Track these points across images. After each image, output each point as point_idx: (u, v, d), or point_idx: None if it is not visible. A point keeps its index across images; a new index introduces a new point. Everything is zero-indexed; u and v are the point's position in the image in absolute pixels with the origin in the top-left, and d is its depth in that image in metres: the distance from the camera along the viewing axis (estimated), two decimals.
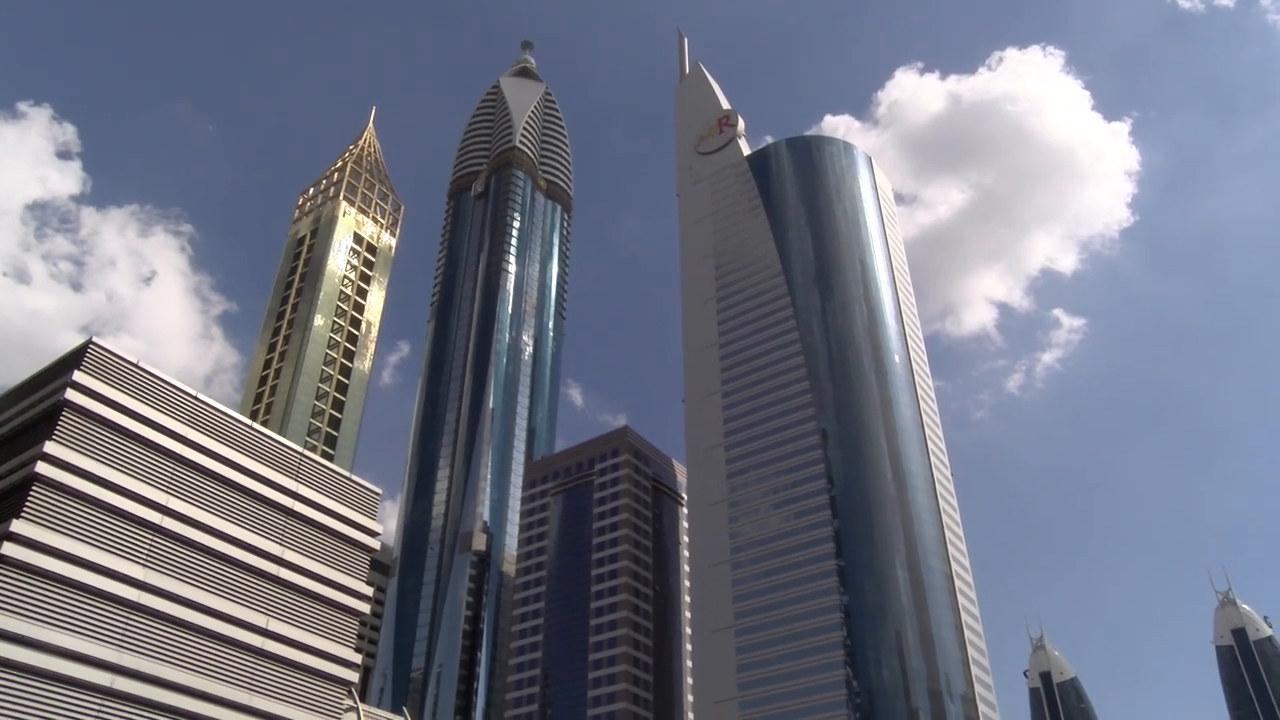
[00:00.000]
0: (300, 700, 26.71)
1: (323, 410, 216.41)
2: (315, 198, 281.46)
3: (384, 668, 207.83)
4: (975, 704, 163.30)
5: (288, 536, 28.31)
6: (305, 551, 28.54)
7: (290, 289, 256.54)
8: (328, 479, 30.46)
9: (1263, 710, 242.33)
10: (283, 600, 27.48)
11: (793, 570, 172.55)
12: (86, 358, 30.25)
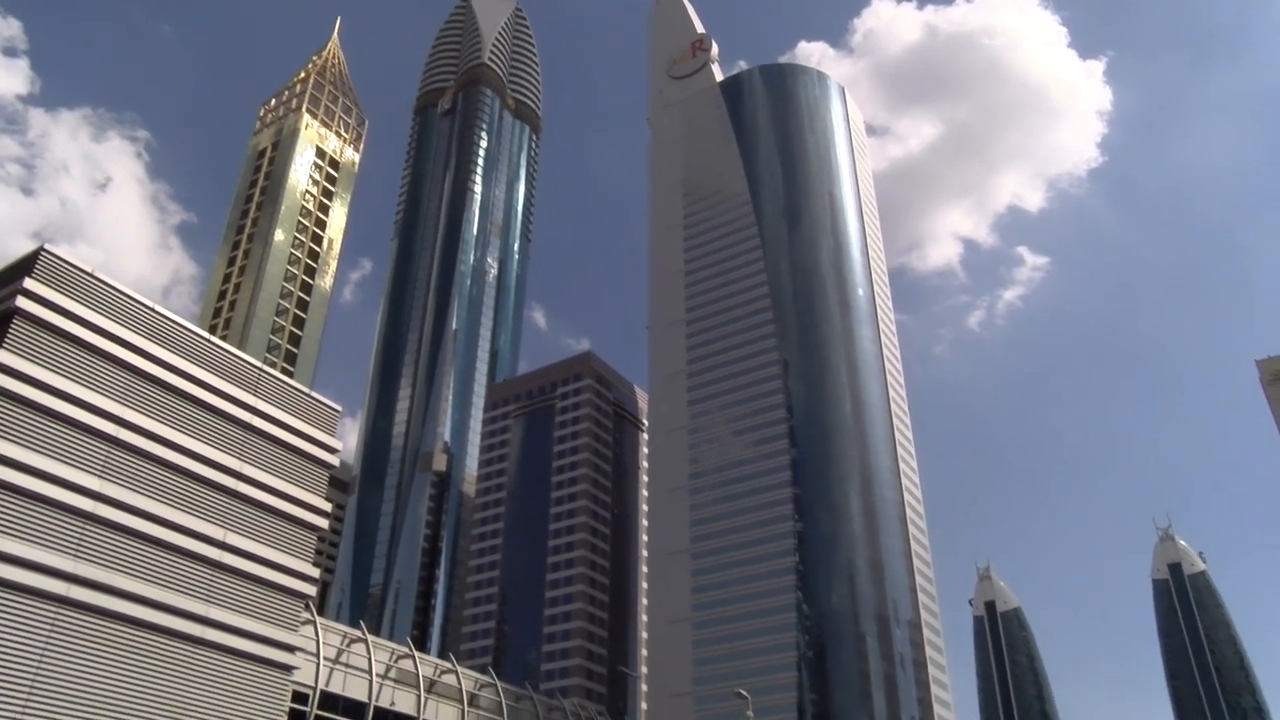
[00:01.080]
0: (257, 612, 26.95)
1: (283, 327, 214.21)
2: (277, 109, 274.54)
3: (342, 583, 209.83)
4: (921, 630, 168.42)
5: (246, 451, 28.24)
6: (263, 466, 28.52)
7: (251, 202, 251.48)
8: (287, 395, 30.32)
9: (1191, 641, 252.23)
10: (240, 514, 27.51)
11: (750, 497, 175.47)
12: (39, 265, 29.56)
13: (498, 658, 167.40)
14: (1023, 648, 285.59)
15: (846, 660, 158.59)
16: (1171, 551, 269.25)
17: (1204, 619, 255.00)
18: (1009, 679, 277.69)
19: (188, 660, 25.30)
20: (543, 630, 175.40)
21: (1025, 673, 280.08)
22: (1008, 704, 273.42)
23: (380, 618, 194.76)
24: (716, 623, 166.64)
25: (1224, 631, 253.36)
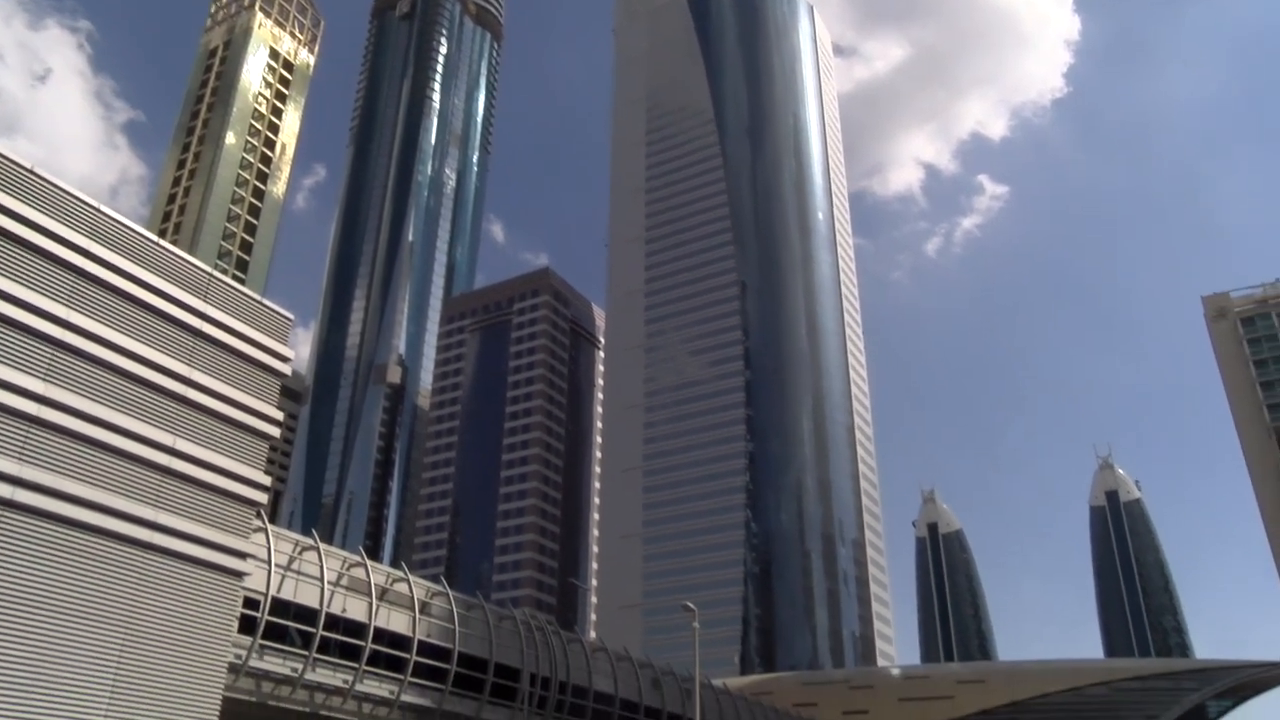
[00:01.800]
0: (208, 519, 26.88)
1: (234, 233, 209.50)
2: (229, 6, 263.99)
3: (294, 493, 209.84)
4: (865, 549, 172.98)
5: (195, 357, 27.80)
6: (213, 373, 28.14)
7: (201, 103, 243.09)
8: (238, 301, 29.80)
9: (1122, 565, 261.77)
10: (190, 420, 27.21)
11: (703, 417, 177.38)
12: None
13: (450, 569, 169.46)
14: (962, 569, 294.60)
15: (792, 577, 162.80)
16: (1110, 480, 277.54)
17: (1135, 544, 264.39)
18: (948, 598, 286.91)
19: (138, 565, 25.26)
20: (495, 542, 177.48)
21: (964, 593, 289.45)
22: (945, 622, 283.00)
23: (333, 528, 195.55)
24: (667, 538, 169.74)
25: (1153, 556, 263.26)
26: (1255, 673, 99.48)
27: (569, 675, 44.93)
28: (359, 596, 36.28)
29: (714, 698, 56.14)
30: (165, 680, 25.11)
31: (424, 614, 39.00)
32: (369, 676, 35.97)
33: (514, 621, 44.10)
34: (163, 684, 25.04)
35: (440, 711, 38.74)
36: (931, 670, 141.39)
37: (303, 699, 34.07)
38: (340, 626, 35.37)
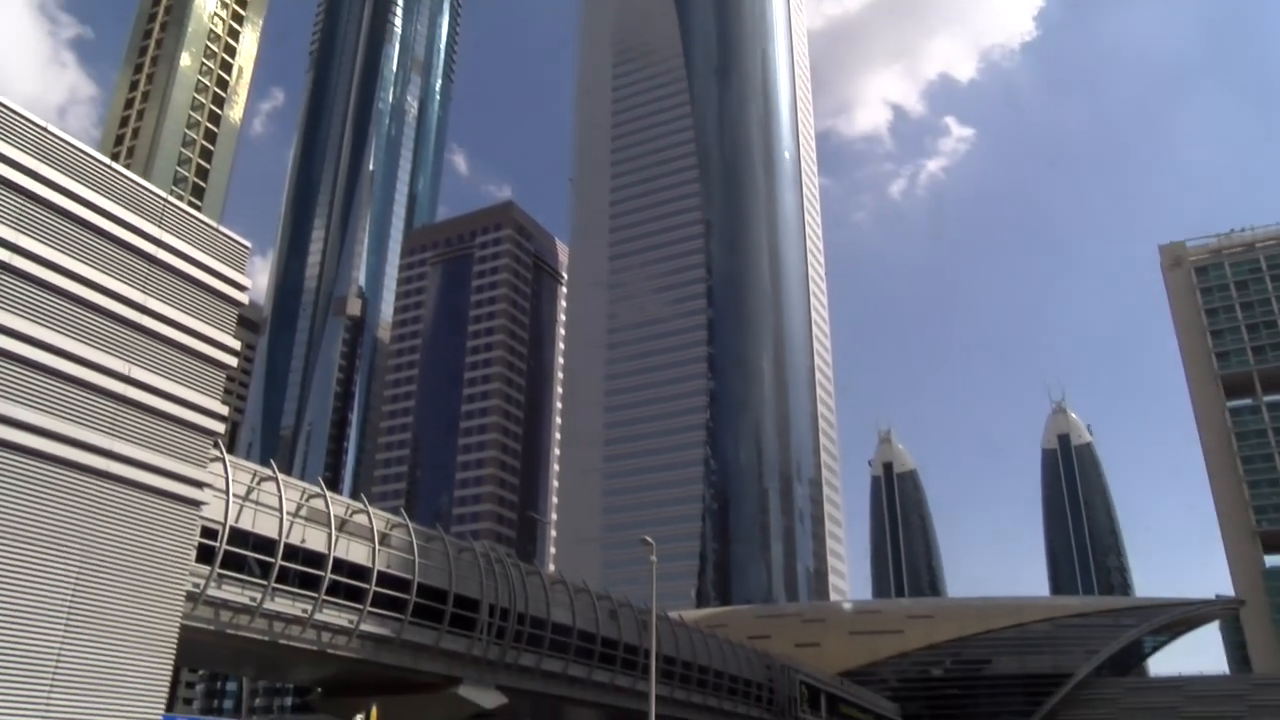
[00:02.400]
0: (164, 448, 26.64)
1: (189, 159, 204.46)
2: None
3: (253, 423, 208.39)
4: (821, 487, 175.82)
5: (150, 284, 27.28)
6: (169, 300, 27.65)
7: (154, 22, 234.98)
8: (193, 228, 29.18)
9: (1071, 508, 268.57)
10: (145, 348, 26.78)
11: (665, 354, 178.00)
12: None
13: (410, 501, 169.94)
14: (915, 508, 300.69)
15: (749, 513, 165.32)
16: (1062, 423, 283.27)
17: (1085, 487, 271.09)
18: (900, 536, 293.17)
19: (93, 493, 25.04)
20: (455, 476, 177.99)
21: (916, 531, 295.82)
22: (898, 559, 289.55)
23: (291, 459, 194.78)
24: (626, 474, 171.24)
25: (1100, 499, 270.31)
26: (1189, 610, 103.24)
27: (528, 606, 45.47)
28: (318, 527, 36.30)
29: (670, 629, 57.18)
30: (122, 608, 25.09)
31: (383, 545, 39.16)
32: (328, 606, 36.17)
33: (473, 553, 44.44)
34: (120, 612, 25.02)
35: (399, 641, 39.12)
36: (882, 605, 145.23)
37: (262, 628, 34.24)
38: (299, 557, 35.44)
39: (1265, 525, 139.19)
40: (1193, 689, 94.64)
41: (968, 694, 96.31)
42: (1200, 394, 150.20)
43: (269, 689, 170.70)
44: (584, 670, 49.13)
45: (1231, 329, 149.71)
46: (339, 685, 44.81)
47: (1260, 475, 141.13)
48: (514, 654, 44.72)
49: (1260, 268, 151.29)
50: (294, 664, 40.74)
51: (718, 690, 60.30)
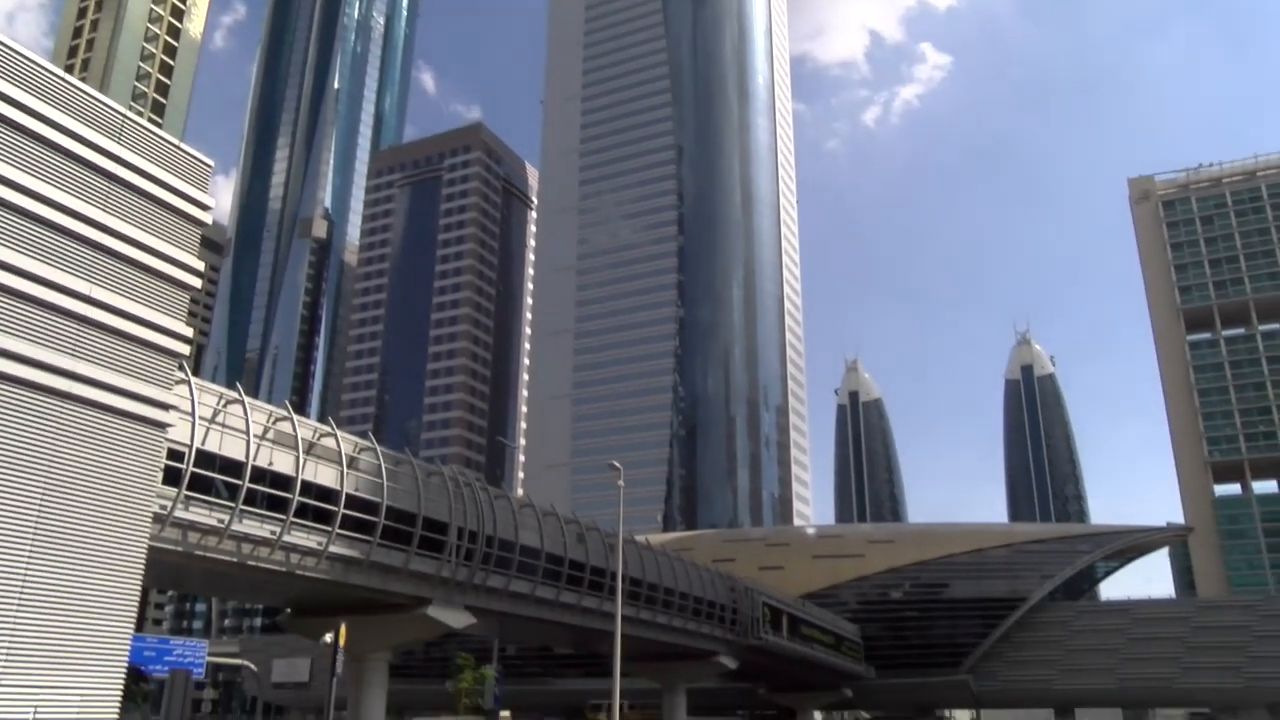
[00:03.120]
0: (128, 369, 26.33)
1: (148, 74, 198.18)
2: None
3: (218, 346, 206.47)
4: (788, 415, 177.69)
5: (110, 203, 26.64)
6: (129, 220, 27.05)
7: None
8: (153, 145, 28.41)
9: (1031, 437, 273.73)
10: (105, 267, 26.28)
11: (635, 281, 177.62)
12: None
13: (378, 426, 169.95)
14: (880, 436, 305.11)
15: (716, 440, 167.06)
16: (1026, 354, 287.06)
17: (1045, 418, 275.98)
18: (864, 463, 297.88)
19: (57, 415, 24.77)
20: (424, 401, 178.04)
21: (879, 458, 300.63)
22: (860, 485, 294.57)
23: (258, 382, 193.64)
24: (595, 400, 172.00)
25: (1060, 429, 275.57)
26: (1141, 537, 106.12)
27: (496, 529, 45.87)
28: (285, 450, 36.20)
29: (636, 552, 58.01)
30: (89, 530, 25.03)
31: (351, 468, 39.19)
32: (297, 528, 36.26)
33: (442, 477, 44.61)
34: (86, 533, 24.96)
35: (368, 562, 39.41)
36: (844, 530, 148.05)
37: (230, 549, 34.31)
38: (267, 479, 35.39)
39: (1217, 456, 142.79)
40: (1140, 612, 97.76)
41: (925, 616, 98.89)
42: (1161, 327, 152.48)
43: (238, 610, 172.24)
44: (552, 592, 49.85)
45: (1195, 264, 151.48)
46: (308, 606, 45.21)
47: (1215, 408, 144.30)
48: (482, 575, 45.24)
49: (1225, 203, 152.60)
50: (263, 585, 40.99)
51: (682, 611, 61.50)
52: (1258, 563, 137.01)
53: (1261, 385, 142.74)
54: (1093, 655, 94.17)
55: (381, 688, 45.82)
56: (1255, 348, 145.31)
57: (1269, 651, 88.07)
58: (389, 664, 46.94)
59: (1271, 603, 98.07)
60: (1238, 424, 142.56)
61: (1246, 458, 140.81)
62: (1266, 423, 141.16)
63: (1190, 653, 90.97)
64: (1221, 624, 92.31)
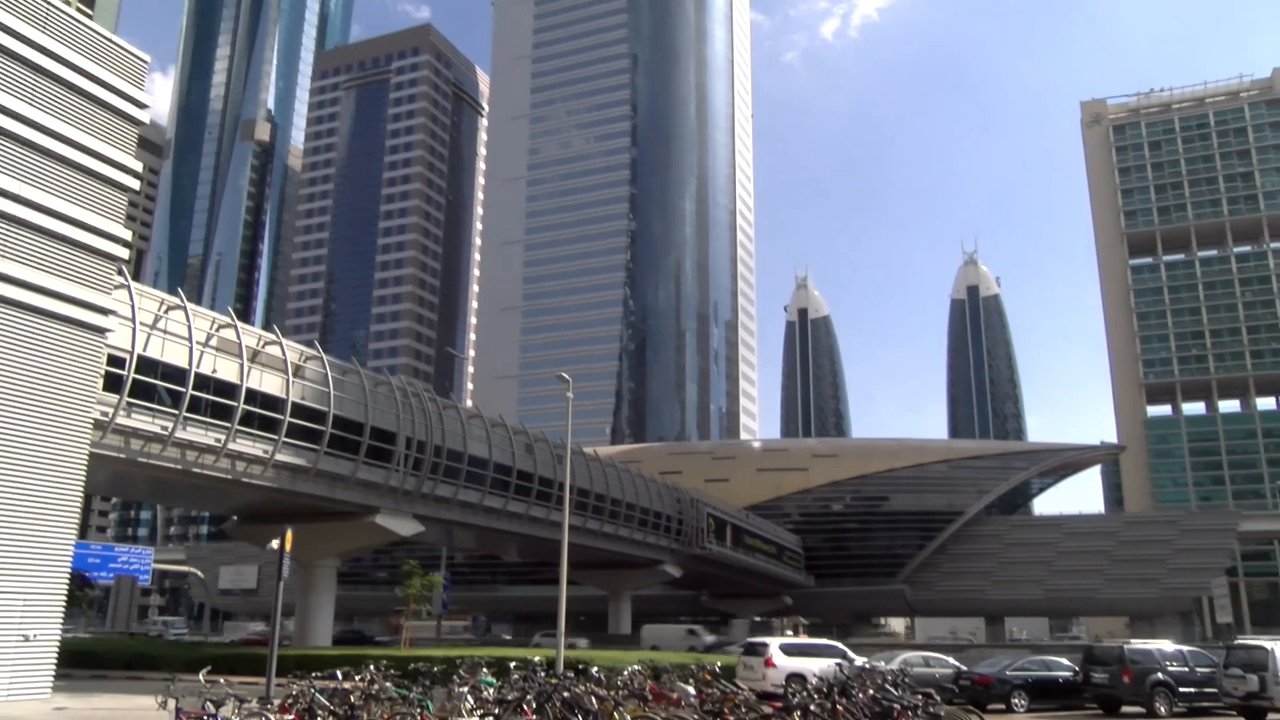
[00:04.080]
0: (65, 273, 25.63)
1: None
2: None
3: (158, 252, 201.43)
4: (737, 330, 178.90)
5: (37, 97, 25.55)
6: (60, 116, 26.00)
7: None
8: (85, 37, 27.17)
9: (974, 357, 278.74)
10: (37, 167, 25.33)
11: (587, 193, 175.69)
12: None
13: (324, 335, 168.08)
14: (827, 353, 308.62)
15: (665, 354, 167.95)
16: (972, 275, 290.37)
17: (989, 338, 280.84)
18: (810, 380, 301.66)
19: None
20: (371, 310, 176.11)
21: (826, 375, 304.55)
22: (806, 401, 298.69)
23: (200, 289, 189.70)
24: (545, 312, 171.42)
25: (1003, 350, 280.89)
26: (1074, 455, 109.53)
27: (444, 439, 45.97)
28: (230, 358, 35.71)
29: (584, 463, 58.62)
30: (27, 435, 24.62)
31: (297, 377, 38.83)
32: (242, 436, 35.99)
33: (390, 386, 44.43)
34: (25, 439, 24.56)
35: (315, 471, 39.35)
36: (789, 444, 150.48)
37: (174, 456, 34.00)
38: (211, 387, 34.95)
39: (1151, 378, 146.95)
40: (1071, 526, 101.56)
41: (865, 528, 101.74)
42: (1105, 250, 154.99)
43: (184, 518, 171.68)
44: (500, 501, 50.34)
45: (1141, 189, 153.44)
46: (255, 514, 45.22)
47: (1152, 331, 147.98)
48: (431, 485, 45.49)
49: (1174, 129, 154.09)
50: (209, 493, 40.84)
51: (629, 521, 62.57)
52: (1182, 480, 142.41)
53: (1197, 310, 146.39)
54: (1024, 568, 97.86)
55: (330, 593, 46.29)
56: (1193, 273, 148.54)
57: (1185, 564, 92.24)
58: (337, 570, 47.36)
59: (1191, 518, 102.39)
60: (1172, 347, 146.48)
61: (1179, 380, 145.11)
62: (1199, 347, 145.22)
63: (1114, 565, 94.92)
64: (1144, 538, 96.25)
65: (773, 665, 29.61)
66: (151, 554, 71.52)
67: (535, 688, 15.16)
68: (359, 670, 16.24)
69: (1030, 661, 31.55)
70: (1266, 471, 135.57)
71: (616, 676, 18.03)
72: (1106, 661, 28.33)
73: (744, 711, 13.68)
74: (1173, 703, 26.82)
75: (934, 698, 14.37)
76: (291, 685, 14.39)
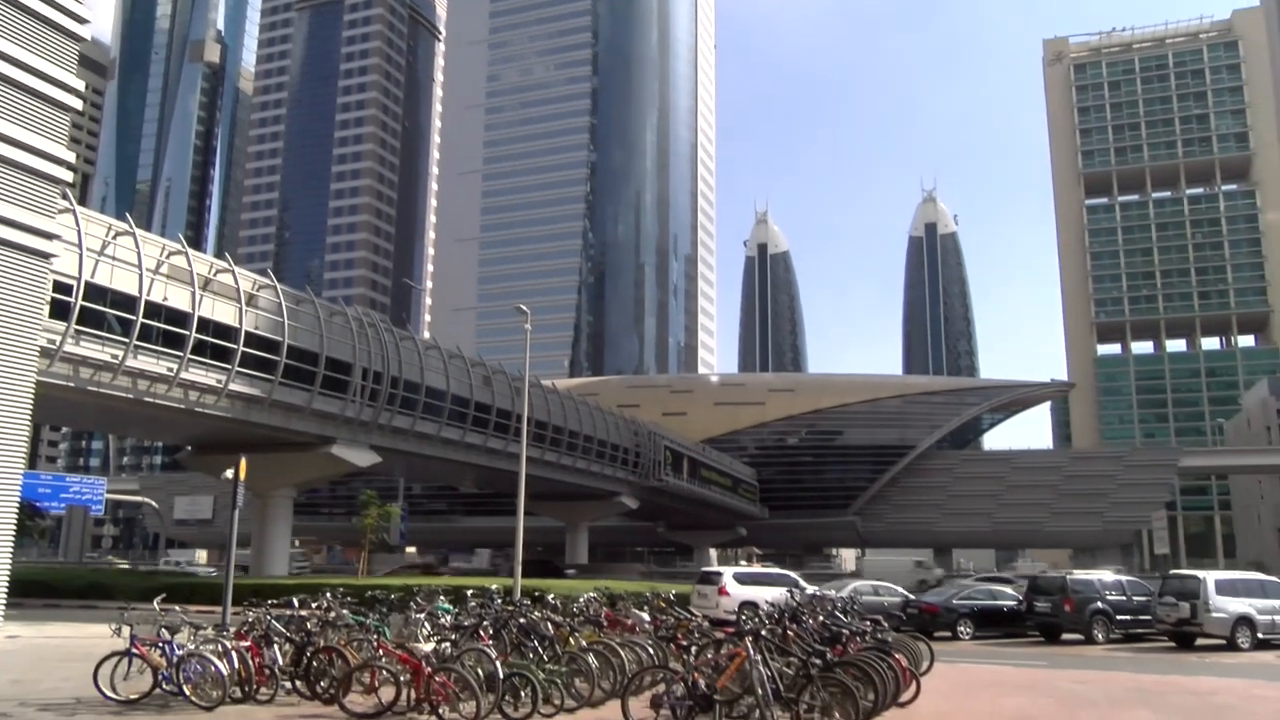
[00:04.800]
0: (5, 195, 24.85)
1: None
2: None
3: (105, 175, 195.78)
4: (697, 264, 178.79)
5: None
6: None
7: None
8: None
9: (930, 294, 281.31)
10: None
11: (546, 122, 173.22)
12: None
13: (278, 264, 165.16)
14: (785, 288, 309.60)
15: (624, 287, 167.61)
16: (931, 212, 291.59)
17: (945, 275, 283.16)
18: (769, 315, 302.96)
19: None
20: (326, 239, 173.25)
21: (784, 311, 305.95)
22: (764, 337, 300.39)
23: (150, 215, 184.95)
24: (503, 244, 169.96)
25: (958, 288, 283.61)
26: (1025, 391, 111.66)
27: (401, 370, 45.71)
28: (181, 286, 35.04)
29: (542, 395, 58.66)
30: None
31: (251, 306, 38.25)
32: (195, 365, 35.49)
33: (345, 317, 43.95)
34: None
35: (270, 401, 39.00)
36: (746, 379, 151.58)
37: (125, 385, 33.48)
38: (162, 315, 34.31)
39: (1102, 317, 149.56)
40: (1019, 461, 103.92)
41: (820, 461, 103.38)
42: (1062, 190, 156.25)
43: (137, 448, 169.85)
44: (457, 433, 50.32)
45: (1099, 129, 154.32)
46: (210, 444, 44.81)
47: (1104, 271, 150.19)
48: (388, 416, 45.32)
49: (1134, 70, 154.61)
50: (162, 423, 40.35)
51: (587, 453, 62.94)
52: (1128, 418, 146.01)
53: (1149, 251, 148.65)
54: (972, 500, 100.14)
55: (286, 523, 46.27)
56: (1147, 215, 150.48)
57: (1127, 498, 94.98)
58: (293, 501, 47.27)
59: (1135, 454, 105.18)
60: (1124, 287, 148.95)
61: (1129, 319, 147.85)
62: (1149, 287, 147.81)
63: (1060, 499, 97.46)
64: (1090, 473, 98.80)
65: (726, 594, 30.20)
66: (104, 484, 70.70)
67: (492, 614, 15.34)
68: (316, 599, 16.31)
69: (976, 591, 32.45)
70: (1208, 410, 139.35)
71: (573, 604, 18.31)
72: (1049, 591, 29.25)
73: (696, 636, 13.97)
74: (1110, 630, 27.82)
75: (882, 624, 14.76)
76: (248, 613, 14.42)
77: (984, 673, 19.10)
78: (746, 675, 10.92)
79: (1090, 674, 18.86)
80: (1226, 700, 15.06)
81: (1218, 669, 20.50)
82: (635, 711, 11.38)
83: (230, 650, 13.03)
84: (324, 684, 13.30)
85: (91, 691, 12.97)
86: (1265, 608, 25.97)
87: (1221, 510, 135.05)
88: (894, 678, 12.49)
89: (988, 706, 14.23)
